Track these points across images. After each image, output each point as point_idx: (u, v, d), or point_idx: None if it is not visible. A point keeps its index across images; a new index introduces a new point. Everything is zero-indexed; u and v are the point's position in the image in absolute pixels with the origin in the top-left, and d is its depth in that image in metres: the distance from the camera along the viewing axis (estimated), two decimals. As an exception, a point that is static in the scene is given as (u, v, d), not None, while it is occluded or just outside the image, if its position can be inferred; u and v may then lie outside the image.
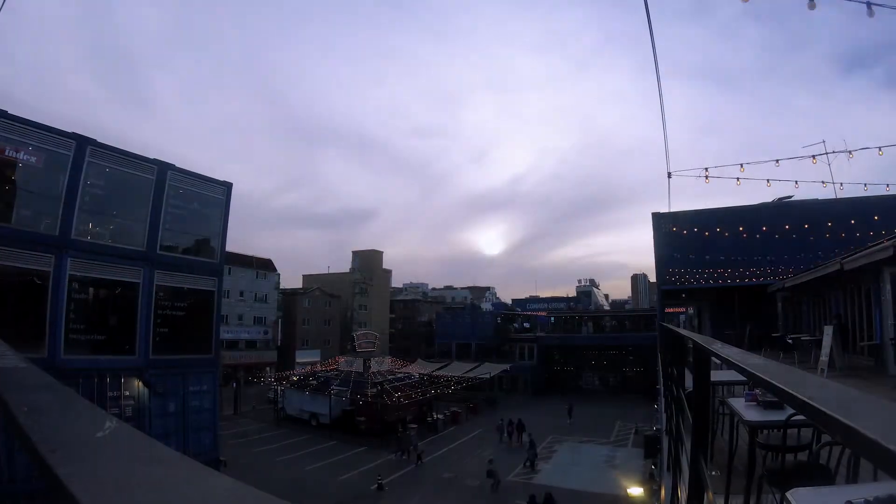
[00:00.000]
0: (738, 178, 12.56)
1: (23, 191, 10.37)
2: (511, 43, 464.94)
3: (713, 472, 3.50)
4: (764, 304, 16.36)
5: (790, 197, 16.30)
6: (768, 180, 12.48)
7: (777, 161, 12.21)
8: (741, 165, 12.50)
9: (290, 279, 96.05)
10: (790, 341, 11.94)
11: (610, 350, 46.04)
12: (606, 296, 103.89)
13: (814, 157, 12.06)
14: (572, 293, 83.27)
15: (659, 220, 17.11)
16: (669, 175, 11.81)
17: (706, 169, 12.42)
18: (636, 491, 17.23)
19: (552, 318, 52.56)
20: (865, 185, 14.09)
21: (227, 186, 13.42)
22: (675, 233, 16.61)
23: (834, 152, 12.32)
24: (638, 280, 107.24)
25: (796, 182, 13.01)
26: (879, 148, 11.89)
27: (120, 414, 10.95)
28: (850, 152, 12.19)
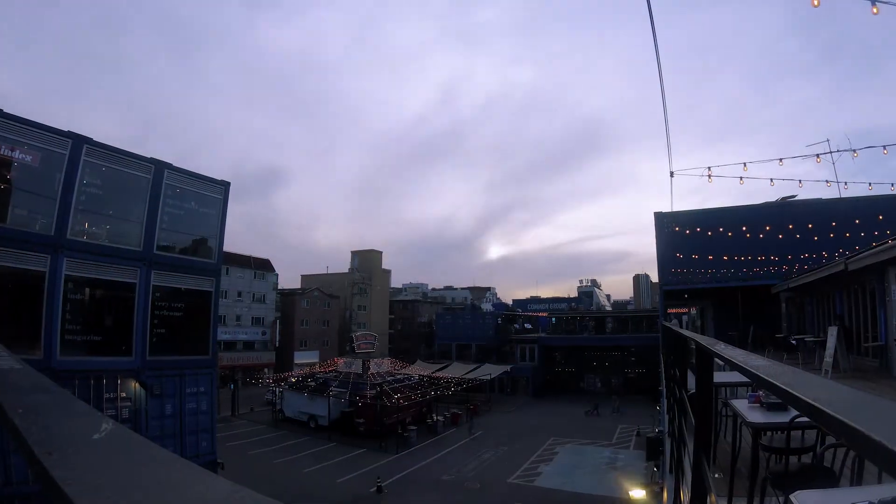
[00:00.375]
0: (741, 178, 12.45)
1: (18, 190, 10.26)
2: None
3: (716, 475, 3.47)
4: (767, 304, 16.26)
5: (794, 196, 16.19)
6: (772, 179, 12.39)
7: (781, 160, 12.11)
8: (744, 165, 12.39)
9: (289, 279, 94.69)
10: (794, 342, 11.87)
11: (612, 351, 45.86)
12: (608, 296, 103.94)
13: (818, 156, 11.95)
14: (574, 293, 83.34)
15: (661, 219, 16.99)
16: (672, 174, 11.70)
17: (709, 168, 12.31)
18: (638, 493, 17.07)
19: (553, 319, 52.40)
20: (870, 184, 13.95)
21: (225, 185, 13.31)
22: (677, 233, 16.48)
23: (838, 151, 12.21)
24: (640, 280, 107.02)
25: (800, 181, 12.91)
26: (884, 147, 11.77)
27: (116, 416, 10.85)
28: (854, 151, 12.07)
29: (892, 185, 14.01)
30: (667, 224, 16.87)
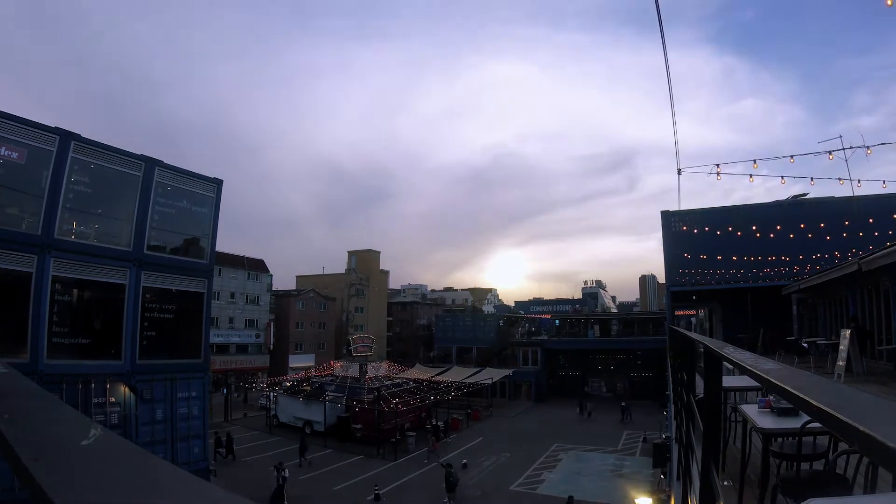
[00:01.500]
0: (751, 175, 12.08)
1: (3, 188, 10.00)
2: None
3: (725, 482, 3.49)
4: (778, 306, 15.84)
5: (805, 194, 15.81)
6: (783, 177, 12.02)
7: (791, 157, 11.74)
8: (754, 162, 12.02)
9: (284, 280, 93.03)
10: (805, 345, 11.63)
11: (617, 354, 45.26)
12: (614, 297, 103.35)
13: (830, 153, 11.57)
14: (578, 295, 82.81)
15: (668, 218, 16.60)
16: (679, 172, 11.34)
17: (717, 165, 11.94)
18: (644, 501, 16.64)
19: (557, 321, 51.82)
20: (884, 181, 13.56)
21: (218, 184, 13.02)
22: (685, 232, 16.09)
23: (851, 148, 11.83)
24: (646, 281, 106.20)
25: (812, 179, 12.54)
26: (899, 143, 11.39)
27: (105, 421, 10.65)
28: (867, 148, 11.70)
29: None
30: (674, 223, 16.46)
